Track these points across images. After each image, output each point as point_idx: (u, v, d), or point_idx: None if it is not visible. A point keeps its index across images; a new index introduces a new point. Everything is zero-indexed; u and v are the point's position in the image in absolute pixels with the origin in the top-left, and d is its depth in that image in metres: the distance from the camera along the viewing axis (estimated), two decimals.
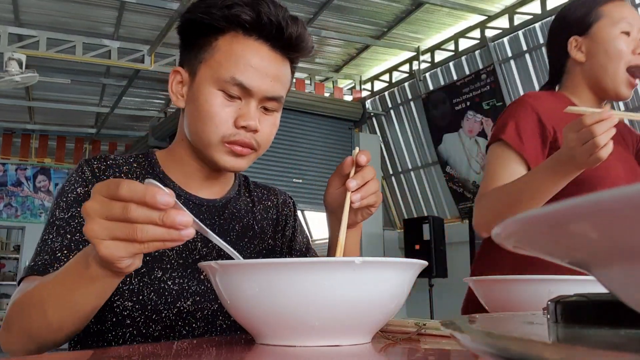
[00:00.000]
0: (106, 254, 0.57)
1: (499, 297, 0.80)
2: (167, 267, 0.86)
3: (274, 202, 1.10)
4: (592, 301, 0.35)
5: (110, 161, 0.93)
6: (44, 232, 0.85)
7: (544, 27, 4.71)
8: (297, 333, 0.56)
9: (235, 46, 0.86)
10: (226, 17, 0.85)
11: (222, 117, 0.85)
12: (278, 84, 0.88)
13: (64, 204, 0.86)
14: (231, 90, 0.85)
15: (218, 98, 0.85)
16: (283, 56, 0.89)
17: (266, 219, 1.05)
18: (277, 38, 0.87)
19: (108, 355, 0.59)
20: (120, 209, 0.55)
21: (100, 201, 0.57)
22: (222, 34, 0.87)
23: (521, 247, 0.24)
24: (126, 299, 0.83)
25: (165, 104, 7.40)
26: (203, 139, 0.87)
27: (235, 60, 0.85)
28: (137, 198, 0.55)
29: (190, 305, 0.87)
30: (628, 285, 0.21)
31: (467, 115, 5.39)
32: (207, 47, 0.87)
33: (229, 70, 0.84)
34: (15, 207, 8.39)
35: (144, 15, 5.15)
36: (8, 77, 4.83)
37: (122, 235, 0.56)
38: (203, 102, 0.86)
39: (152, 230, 0.56)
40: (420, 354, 0.60)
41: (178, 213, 0.55)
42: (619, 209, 0.17)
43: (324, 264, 0.54)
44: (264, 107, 0.89)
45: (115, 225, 0.56)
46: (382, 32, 5.50)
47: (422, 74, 5.86)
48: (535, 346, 0.20)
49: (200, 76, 0.87)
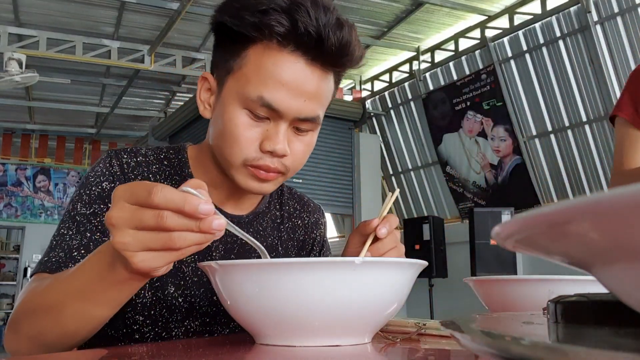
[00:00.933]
0: (142, 266, 0.53)
1: (499, 297, 0.80)
2: (181, 284, 0.82)
3: (305, 221, 1.01)
4: (592, 301, 0.35)
5: (141, 157, 0.86)
6: (62, 224, 0.79)
7: (544, 27, 4.71)
8: (297, 333, 0.56)
9: (266, 59, 0.74)
10: (257, 27, 0.73)
11: (246, 139, 0.75)
12: (314, 103, 0.76)
13: (87, 197, 0.80)
14: (258, 111, 0.74)
15: (243, 117, 0.75)
16: (324, 69, 0.76)
17: (292, 239, 0.98)
18: (317, 49, 0.73)
19: (108, 355, 0.59)
20: (154, 217, 0.51)
21: (129, 210, 0.52)
22: (254, 42, 0.75)
23: (521, 247, 0.24)
24: (138, 312, 0.80)
25: (165, 103, 7.40)
26: (225, 159, 0.79)
27: (264, 77, 0.73)
28: (173, 206, 0.51)
29: (198, 326, 0.83)
30: (628, 285, 0.21)
31: (467, 115, 5.39)
32: (237, 57, 0.76)
33: (256, 88, 0.74)
34: (15, 207, 8.39)
35: (144, 15, 5.15)
36: (8, 77, 4.83)
37: (157, 246, 0.52)
38: (227, 121, 0.76)
39: (190, 237, 0.52)
40: (420, 354, 0.60)
41: (214, 218, 0.52)
42: (619, 209, 0.17)
43: (324, 264, 0.54)
44: (297, 128, 0.78)
45: (150, 236, 0.52)
46: (382, 32, 5.50)
47: (422, 74, 5.86)
48: (535, 346, 0.20)
49: (227, 89, 0.77)
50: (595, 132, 4.51)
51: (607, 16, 4.29)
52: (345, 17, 0.77)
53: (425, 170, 6.19)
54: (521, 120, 4.98)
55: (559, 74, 4.64)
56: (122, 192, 0.53)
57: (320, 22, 0.72)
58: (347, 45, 0.75)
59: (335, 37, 0.73)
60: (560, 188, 4.84)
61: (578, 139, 4.64)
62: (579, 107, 4.57)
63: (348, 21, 0.76)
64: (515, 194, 5.04)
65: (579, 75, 4.51)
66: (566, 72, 4.59)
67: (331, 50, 0.73)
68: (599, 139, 4.50)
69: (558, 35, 4.60)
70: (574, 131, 4.66)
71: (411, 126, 6.24)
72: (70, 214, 0.79)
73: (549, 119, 4.81)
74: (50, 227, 8.04)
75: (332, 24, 0.73)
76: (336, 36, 0.73)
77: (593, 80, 4.41)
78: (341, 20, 0.74)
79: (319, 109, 0.78)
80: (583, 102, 4.54)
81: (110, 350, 0.66)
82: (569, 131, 4.69)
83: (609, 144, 4.43)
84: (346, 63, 0.78)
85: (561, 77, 4.64)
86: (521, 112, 4.97)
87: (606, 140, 4.45)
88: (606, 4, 4.29)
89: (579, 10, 4.41)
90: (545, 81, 4.75)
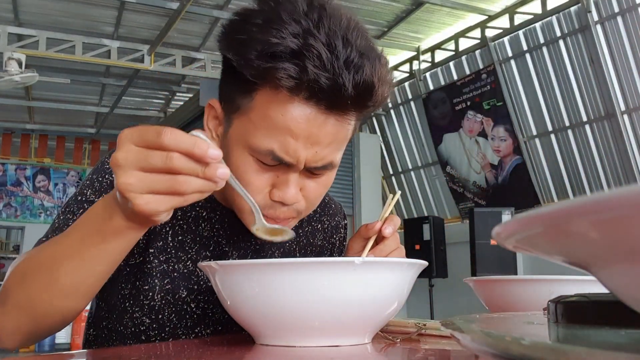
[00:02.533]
0: (146, 209, 0.51)
1: (499, 297, 0.80)
2: (194, 288, 0.80)
3: (325, 225, 0.96)
4: (593, 301, 0.35)
5: None
6: (67, 207, 0.75)
7: (545, 27, 4.71)
8: (297, 333, 0.56)
9: (274, 109, 0.65)
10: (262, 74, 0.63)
11: (255, 187, 0.69)
12: (329, 151, 0.69)
13: (99, 184, 0.76)
14: (267, 162, 0.68)
15: (252, 165, 0.69)
16: (342, 114, 0.67)
17: (311, 244, 0.94)
18: (334, 97, 0.64)
19: (108, 355, 0.59)
20: (162, 159, 0.50)
21: (136, 151, 0.50)
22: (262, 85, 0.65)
23: (521, 247, 0.24)
24: (145, 314, 0.78)
25: (165, 103, 7.40)
26: (235, 203, 0.73)
27: (273, 128, 0.65)
28: (183, 148, 0.50)
29: (210, 333, 0.81)
30: (628, 285, 0.21)
31: (467, 115, 5.38)
32: (243, 96, 0.68)
33: (264, 141, 0.66)
34: (14, 207, 8.38)
35: (144, 15, 5.14)
36: (8, 77, 4.83)
37: (162, 189, 0.51)
38: (235, 166, 0.69)
39: (194, 182, 0.51)
40: (420, 354, 0.60)
41: (219, 166, 0.52)
42: (619, 209, 0.17)
43: (324, 264, 0.54)
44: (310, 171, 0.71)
45: (156, 178, 0.51)
46: (382, 31, 5.50)
47: (422, 74, 5.86)
48: (535, 346, 0.20)
49: (233, 131, 0.70)
50: (596, 132, 4.51)
51: (607, 16, 4.29)
52: (371, 44, 0.68)
53: (425, 170, 6.19)
54: (521, 120, 4.98)
55: (559, 74, 4.64)
56: (129, 134, 0.52)
57: (336, 67, 0.62)
58: (369, 89, 0.65)
59: (354, 82, 0.63)
60: (560, 188, 4.84)
61: (578, 139, 4.64)
62: (579, 107, 4.57)
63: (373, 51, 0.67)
64: (516, 194, 5.04)
65: (579, 75, 4.51)
66: (566, 72, 4.59)
67: (349, 97, 0.64)
68: (599, 139, 4.50)
69: (558, 35, 4.60)
70: (574, 131, 4.66)
71: (411, 126, 6.24)
72: (78, 199, 0.75)
73: (549, 119, 4.81)
74: None
75: (352, 63, 0.63)
76: (355, 81, 0.63)
77: (593, 80, 4.41)
78: (364, 54, 0.64)
79: (335, 154, 0.70)
80: (583, 102, 4.54)
81: (111, 350, 0.66)
82: (569, 131, 4.69)
83: (609, 144, 4.43)
84: (368, 106, 0.68)
85: (561, 77, 4.64)
86: (521, 112, 4.97)
87: (606, 140, 4.45)
88: (606, 4, 4.29)
89: (579, 10, 4.41)
90: (546, 81, 4.75)
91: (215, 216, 0.82)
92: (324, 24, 0.63)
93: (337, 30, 0.63)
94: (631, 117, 4.28)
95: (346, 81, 0.62)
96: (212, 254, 0.82)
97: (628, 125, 4.30)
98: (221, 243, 0.83)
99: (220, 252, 0.82)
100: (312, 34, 0.62)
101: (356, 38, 0.64)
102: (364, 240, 0.76)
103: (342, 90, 0.63)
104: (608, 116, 4.37)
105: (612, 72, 4.31)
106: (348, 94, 0.63)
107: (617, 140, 4.36)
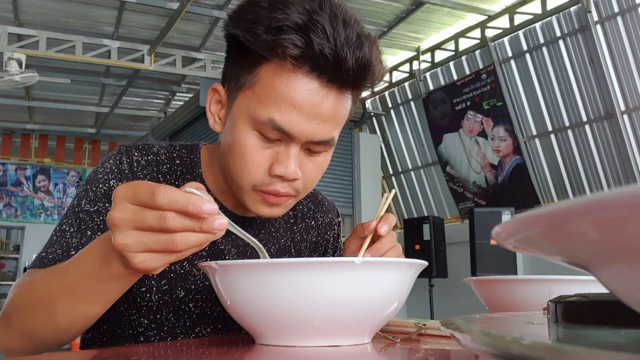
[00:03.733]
0: (142, 267, 0.53)
1: (499, 297, 0.80)
2: (192, 288, 0.80)
3: (318, 222, 0.99)
4: (592, 301, 0.35)
5: (152, 156, 0.83)
6: (64, 219, 0.77)
7: (544, 27, 4.71)
8: (297, 333, 0.56)
9: (278, 80, 0.69)
10: (270, 46, 0.68)
11: (255, 163, 0.72)
12: (329, 126, 0.72)
13: (93, 194, 0.78)
14: (269, 134, 0.71)
15: (253, 139, 0.72)
16: (342, 90, 0.72)
17: (306, 240, 0.96)
18: (335, 71, 0.69)
19: (108, 355, 0.59)
20: (156, 218, 0.51)
21: (131, 210, 0.52)
22: (267, 60, 0.70)
23: (521, 247, 0.24)
24: (143, 315, 0.79)
25: (165, 103, 7.40)
26: (235, 181, 0.76)
27: (276, 99, 0.69)
28: (177, 207, 0.51)
29: (210, 332, 0.82)
30: (628, 285, 0.21)
31: (467, 115, 5.39)
32: (249, 72, 0.72)
33: (267, 110, 0.70)
34: (15, 207, 8.38)
35: (144, 15, 5.15)
36: (8, 77, 4.83)
37: (159, 248, 0.52)
38: (236, 142, 0.73)
39: (191, 238, 0.52)
40: (420, 354, 0.60)
41: (216, 218, 0.52)
42: (619, 209, 0.17)
43: (324, 264, 0.54)
44: (309, 149, 0.75)
45: (152, 237, 0.52)
46: (382, 32, 5.50)
47: (422, 74, 5.86)
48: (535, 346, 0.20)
49: (237, 106, 0.74)
50: (595, 132, 4.51)
51: (607, 16, 4.29)
52: (367, 31, 0.72)
53: (425, 170, 6.19)
54: (521, 120, 4.98)
55: (559, 74, 4.64)
56: (123, 192, 0.53)
57: (338, 41, 0.67)
58: (367, 65, 0.70)
59: (354, 57, 0.68)
60: (560, 188, 4.84)
61: (578, 139, 4.64)
62: (579, 107, 4.57)
63: (370, 36, 0.72)
64: (516, 194, 5.04)
65: (579, 75, 4.51)
66: (566, 72, 4.59)
67: (350, 71, 0.69)
68: (599, 139, 4.50)
69: (558, 35, 4.60)
70: (574, 131, 4.66)
71: (411, 126, 6.24)
72: (74, 210, 0.77)
73: (549, 119, 4.81)
74: (50, 227, 8.03)
75: (352, 42, 0.68)
76: (355, 56, 0.68)
77: (593, 80, 4.41)
78: (362, 36, 0.70)
79: (333, 130, 0.74)
80: (583, 102, 4.54)
81: (111, 350, 0.66)
82: (569, 131, 4.69)
83: (609, 144, 4.43)
84: (366, 83, 0.73)
85: (561, 77, 4.64)
86: (521, 112, 4.97)
87: (606, 140, 4.45)
88: (606, 4, 4.29)
89: (579, 10, 4.41)
90: (546, 81, 4.75)
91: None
92: (326, 7, 0.69)
93: (338, 14, 0.69)
94: (631, 117, 4.29)
95: (348, 55, 0.67)
96: (208, 253, 0.82)
97: (628, 125, 4.31)
98: (217, 242, 0.83)
99: (217, 250, 0.83)
100: (317, 13, 0.67)
101: (354, 24, 0.70)
102: (360, 240, 0.77)
103: (344, 63, 0.68)
104: (608, 116, 4.37)
105: (612, 72, 4.31)
106: (348, 67, 0.68)
107: (617, 140, 4.36)
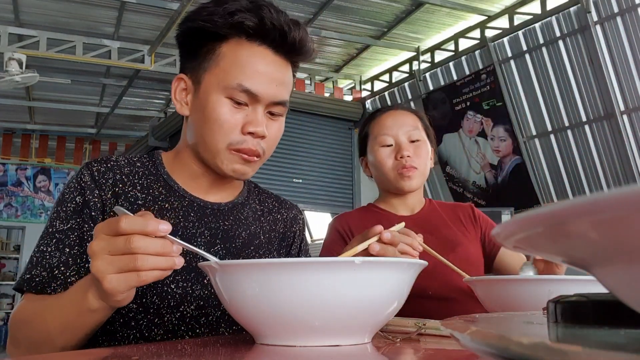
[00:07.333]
0: (109, 287, 0.61)
1: (499, 297, 0.80)
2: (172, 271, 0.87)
3: (284, 215, 1.08)
4: (592, 301, 0.35)
5: (112, 163, 0.92)
6: (41, 240, 0.85)
7: (544, 27, 4.71)
8: (297, 333, 0.56)
9: (240, 52, 0.86)
10: (230, 25, 0.85)
11: (230, 124, 0.86)
12: (283, 88, 0.89)
13: (64, 214, 0.86)
14: (238, 97, 0.85)
15: (225, 106, 0.86)
16: (286, 60, 0.90)
17: (274, 230, 1.05)
18: (281, 43, 0.87)
19: (107, 355, 0.59)
20: (122, 241, 0.60)
21: (105, 239, 0.61)
22: (226, 40, 0.87)
23: (521, 247, 0.24)
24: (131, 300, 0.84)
25: (165, 104, 7.40)
26: (210, 146, 0.88)
27: (241, 67, 0.85)
28: (138, 229, 0.60)
29: (194, 310, 0.86)
30: (628, 285, 0.21)
31: (467, 115, 5.38)
32: (211, 55, 0.87)
33: (235, 77, 0.85)
34: (15, 207, 8.38)
35: (144, 15, 5.14)
36: (8, 77, 4.83)
37: (124, 267, 0.60)
38: (210, 110, 0.86)
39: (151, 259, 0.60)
40: (420, 354, 0.60)
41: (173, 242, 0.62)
42: (619, 209, 0.17)
43: (324, 264, 0.54)
44: (270, 112, 0.90)
45: (119, 259, 0.60)
46: (382, 32, 5.50)
47: (422, 74, 5.86)
48: (535, 346, 0.20)
49: (205, 84, 0.88)
50: (595, 132, 4.51)
51: (607, 16, 4.29)
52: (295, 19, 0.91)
53: None
54: (521, 120, 4.98)
55: (559, 74, 4.64)
56: (100, 225, 0.63)
57: (281, 19, 0.86)
58: (305, 40, 0.90)
59: (295, 32, 0.88)
60: (560, 188, 4.84)
61: (578, 139, 4.64)
62: (578, 107, 4.57)
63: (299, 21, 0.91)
64: (515, 194, 5.04)
65: (579, 75, 4.51)
66: (566, 72, 4.58)
67: (292, 43, 0.88)
68: (599, 139, 4.50)
69: (558, 35, 4.59)
70: (574, 131, 4.66)
71: None
72: (49, 231, 0.85)
73: (548, 119, 4.81)
74: None
75: (290, 21, 0.88)
76: (295, 31, 0.88)
77: (593, 80, 4.41)
78: (294, 20, 0.89)
79: (286, 94, 0.91)
80: (583, 102, 4.54)
81: (111, 350, 0.66)
82: (569, 131, 4.69)
83: (609, 144, 4.43)
84: (303, 55, 0.92)
85: (561, 77, 4.63)
86: (521, 112, 4.97)
87: (606, 140, 4.45)
88: (606, 4, 4.29)
89: (579, 10, 4.41)
90: (545, 81, 4.75)
91: (181, 205, 0.91)
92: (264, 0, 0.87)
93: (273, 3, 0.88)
94: (631, 117, 4.28)
95: (291, 31, 0.87)
96: (181, 238, 0.87)
97: (627, 125, 4.30)
98: (187, 227, 0.90)
99: (189, 234, 0.90)
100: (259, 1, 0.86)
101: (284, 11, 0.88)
102: (364, 238, 0.82)
103: (288, 36, 0.87)
104: (607, 116, 4.37)
105: (611, 73, 4.31)
106: (292, 40, 0.88)
107: (617, 141, 4.36)
